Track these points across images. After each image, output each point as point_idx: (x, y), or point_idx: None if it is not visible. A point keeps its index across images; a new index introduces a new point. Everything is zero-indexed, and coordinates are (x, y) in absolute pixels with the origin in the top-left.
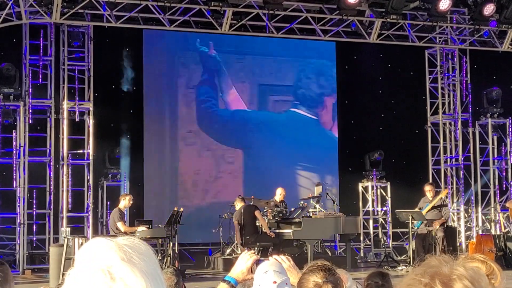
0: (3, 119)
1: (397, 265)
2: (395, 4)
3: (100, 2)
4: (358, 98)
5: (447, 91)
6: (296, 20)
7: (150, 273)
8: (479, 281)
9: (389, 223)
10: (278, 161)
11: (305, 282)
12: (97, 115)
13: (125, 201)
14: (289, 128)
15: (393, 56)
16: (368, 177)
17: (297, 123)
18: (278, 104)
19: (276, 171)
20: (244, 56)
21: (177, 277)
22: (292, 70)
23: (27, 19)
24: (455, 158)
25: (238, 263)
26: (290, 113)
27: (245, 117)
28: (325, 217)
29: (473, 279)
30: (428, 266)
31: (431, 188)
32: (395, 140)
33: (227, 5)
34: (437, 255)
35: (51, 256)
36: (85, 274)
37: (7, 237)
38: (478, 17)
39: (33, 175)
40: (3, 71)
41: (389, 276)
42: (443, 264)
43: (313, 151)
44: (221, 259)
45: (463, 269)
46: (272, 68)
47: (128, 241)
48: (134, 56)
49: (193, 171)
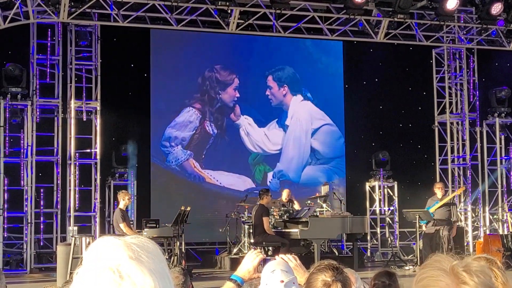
0: (10, 118)
1: (404, 265)
2: (402, 3)
3: (108, 1)
4: (365, 97)
5: (454, 91)
6: (303, 20)
7: (158, 272)
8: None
9: (396, 223)
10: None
11: (314, 281)
12: (104, 114)
13: (124, 200)
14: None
15: (400, 55)
16: (375, 176)
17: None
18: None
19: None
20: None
21: (185, 276)
22: (301, 69)
23: (34, 18)
24: (463, 158)
25: (245, 262)
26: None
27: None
28: (332, 217)
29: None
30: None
31: (441, 186)
32: (402, 140)
33: (234, 4)
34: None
35: (59, 255)
36: (93, 272)
37: (15, 236)
38: (485, 16)
39: (40, 174)
40: (7, 71)
41: (396, 276)
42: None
43: (320, 150)
44: (228, 258)
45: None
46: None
47: (136, 239)
48: (141, 55)
49: (200, 170)
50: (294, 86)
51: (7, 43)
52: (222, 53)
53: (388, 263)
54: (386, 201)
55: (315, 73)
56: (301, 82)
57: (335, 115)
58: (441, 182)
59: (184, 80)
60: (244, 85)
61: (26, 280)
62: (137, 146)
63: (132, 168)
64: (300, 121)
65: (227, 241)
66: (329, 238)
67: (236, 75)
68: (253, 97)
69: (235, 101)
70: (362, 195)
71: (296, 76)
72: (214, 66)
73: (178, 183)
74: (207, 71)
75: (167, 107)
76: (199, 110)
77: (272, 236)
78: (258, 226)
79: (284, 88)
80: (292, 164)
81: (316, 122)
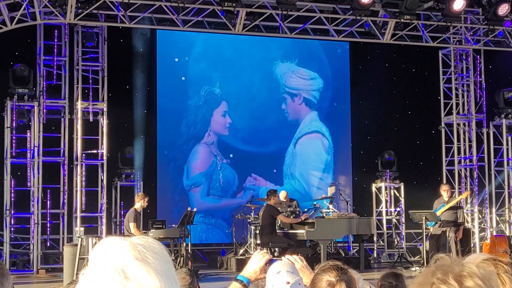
0: (17, 119)
1: (410, 266)
2: (409, 4)
3: (114, 2)
4: (372, 98)
5: (461, 92)
6: (310, 21)
7: (164, 273)
8: (490, 280)
9: (402, 224)
10: (291, 161)
11: (318, 281)
12: (111, 115)
13: (141, 202)
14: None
15: (406, 56)
16: (382, 177)
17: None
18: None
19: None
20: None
21: (191, 277)
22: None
23: (41, 19)
24: (469, 159)
25: (251, 262)
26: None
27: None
28: (338, 218)
29: (484, 277)
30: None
31: (448, 188)
32: (408, 141)
33: (241, 5)
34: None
35: (65, 256)
36: (99, 273)
37: (22, 236)
38: (492, 17)
39: (47, 175)
40: (17, 71)
41: (402, 277)
42: (455, 263)
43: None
44: (234, 259)
45: (475, 268)
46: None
47: (142, 240)
48: (147, 56)
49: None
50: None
51: (14, 44)
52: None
53: (394, 264)
54: (393, 202)
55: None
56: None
57: (341, 116)
58: (447, 184)
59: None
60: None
61: (33, 281)
62: (143, 147)
63: (139, 169)
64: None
65: (233, 242)
66: (336, 239)
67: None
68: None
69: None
70: (369, 196)
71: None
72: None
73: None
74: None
75: (174, 108)
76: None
77: (279, 237)
78: (265, 227)
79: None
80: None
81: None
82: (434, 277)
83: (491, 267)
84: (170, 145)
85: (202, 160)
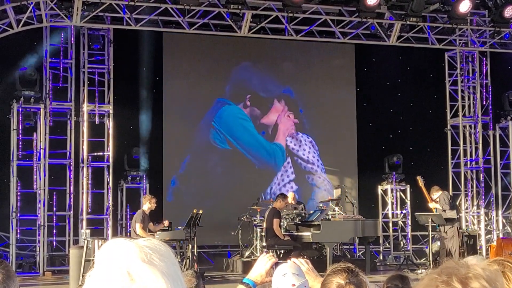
0: (23, 121)
1: (416, 268)
2: (415, 7)
3: (120, 5)
4: (378, 100)
5: (467, 94)
6: (316, 23)
7: (170, 275)
8: (495, 282)
9: (408, 226)
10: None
11: (328, 283)
12: (117, 117)
13: (149, 204)
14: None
15: (412, 58)
16: (388, 179)
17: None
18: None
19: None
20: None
21: (198, 279)
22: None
23: (47, 22)
24: (475, 161)
25: (257, 265)
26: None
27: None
28: (344, 220)
29: (489, 279)
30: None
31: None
32: (414, 143)
33: (247, 7)
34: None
35: (71, 258)
36: (105, 274)
37: (28, 238)
38: (498, 19)
39: (53, 177)
40: (25, 75)
41: (408, 279)
42: (460, 265)
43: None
44: (240, 261)
45: (481, 269)
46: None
47: (148, 242)
48: (153, 58)
49: (212, 173)
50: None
51: (20, 46)
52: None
53: (400, 266)
54: (399, 204)
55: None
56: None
57: (346, 118)
58: (436, 186)
59: (196, 83)
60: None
61: (39, 283)
62: (149, 149)
63: (144, 171)
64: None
65: (239, 244)
66: (341, 242)
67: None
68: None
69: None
70: (375, 198)
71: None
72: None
73: (190, 186)
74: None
75: (180, 110)
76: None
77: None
78: (270, 229)
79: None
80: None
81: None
82: (438, 279)
83: (496, 266)
84: (176, 148)
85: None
